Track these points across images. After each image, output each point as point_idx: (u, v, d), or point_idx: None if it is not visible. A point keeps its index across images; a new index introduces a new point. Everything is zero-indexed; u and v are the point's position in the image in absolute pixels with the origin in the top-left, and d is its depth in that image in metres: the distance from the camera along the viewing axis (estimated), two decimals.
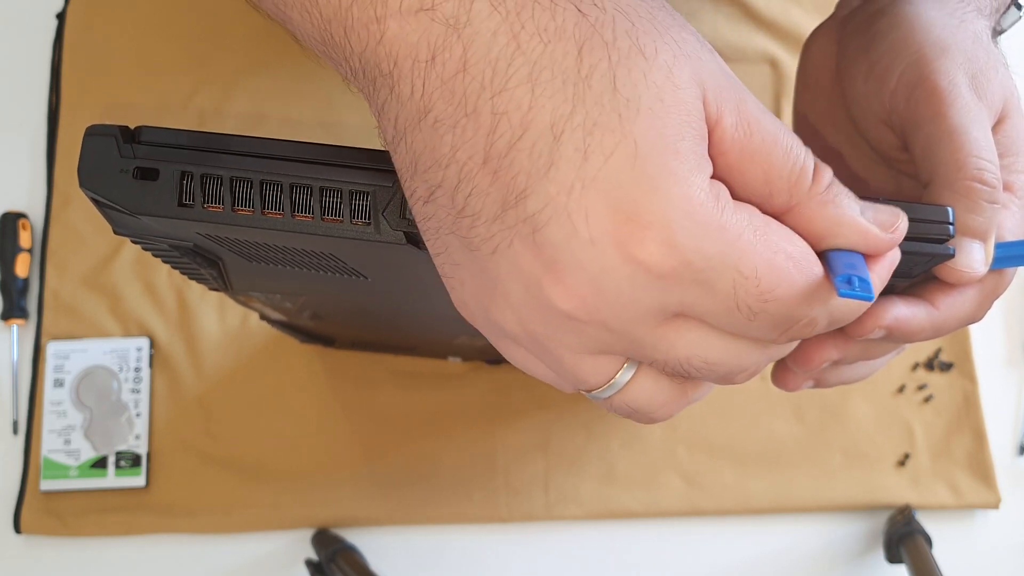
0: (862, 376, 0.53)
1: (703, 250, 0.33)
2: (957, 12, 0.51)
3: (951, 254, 0.42)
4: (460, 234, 0.35)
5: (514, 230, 0.33)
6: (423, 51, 0.33)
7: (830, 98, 0.56)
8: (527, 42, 0.32)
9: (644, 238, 0.32)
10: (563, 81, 0.32)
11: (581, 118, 0.32)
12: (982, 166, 0.44)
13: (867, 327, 0.45)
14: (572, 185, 0.32)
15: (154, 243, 0.44)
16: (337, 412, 0.93)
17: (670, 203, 0.32)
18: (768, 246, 0.34)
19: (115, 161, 0.38)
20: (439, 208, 0.35)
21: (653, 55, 0.32)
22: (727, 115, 0.33)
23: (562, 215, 0.32)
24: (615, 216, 0.32)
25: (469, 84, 0.33)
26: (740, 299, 0.34)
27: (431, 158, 0.34)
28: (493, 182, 0.33)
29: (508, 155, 0.32)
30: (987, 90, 0.47)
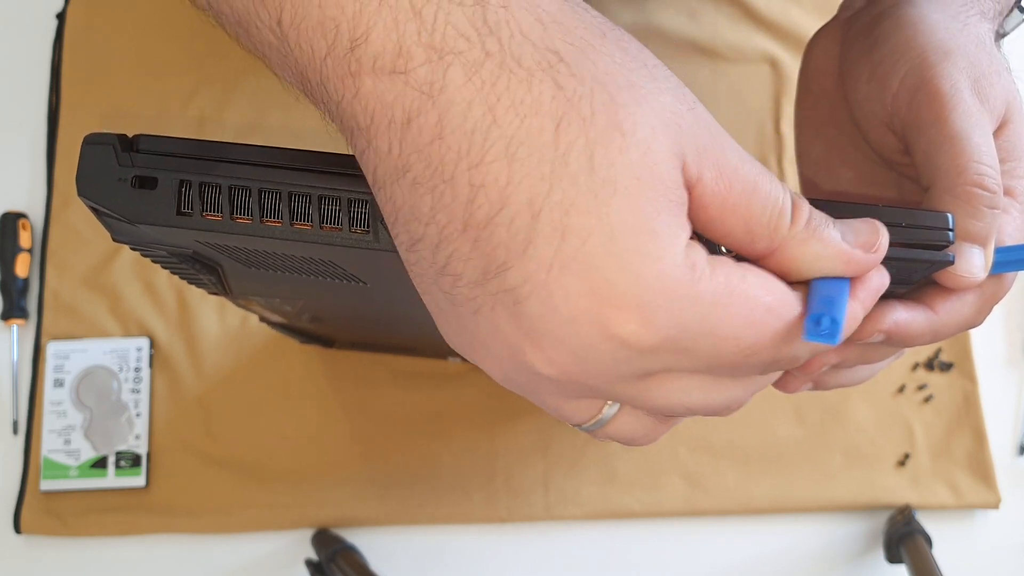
0: (861, 379, 0.53)
1: (680, 324, 0.33)
2: (960, 15, 0.50)
3: (950, 260, 0.41)
4: (443, 289, 0.35)
5: (495, 298, 0.34)
6: (399, 113, 0.33)
7: (832, 100, 0.56)
8: (503, 115, 0.32)
9: (623, 319, 0.32)
10: (540, 158, 0.32)
11: (559, 197, 0.32)
12: (983, 171, 0.44)
13: (866, 331, 0.45)
14: (551, 264, 0.32)
15: (153, 250, 0.44)
16: (337, 412, 0.93)
17: (645, 284, 0.32)
18: (745, 304, 0.34)
19: (113, 170, 0.38)
20: (421, 259, 0.35)
21: (631, 131, 0.32)
22: (707, 172, 0.33)
23: (542, 292, 0.32)
24: (593, 297, 0.32)
25: (446, 153, 0.32)
26: (723, 358, 0.35)
27: (411, 214, 0.34)
28: (473, 249, 0.33)
29: (487, 227, 0.32)
30: (989, 94, 0.47)
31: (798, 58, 1.01)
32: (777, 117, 1.01)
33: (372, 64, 0.33)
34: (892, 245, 0.40)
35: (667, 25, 1.03)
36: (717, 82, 1.03)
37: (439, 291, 0.35)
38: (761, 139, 1.01)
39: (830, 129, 0.56)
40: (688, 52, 1.03)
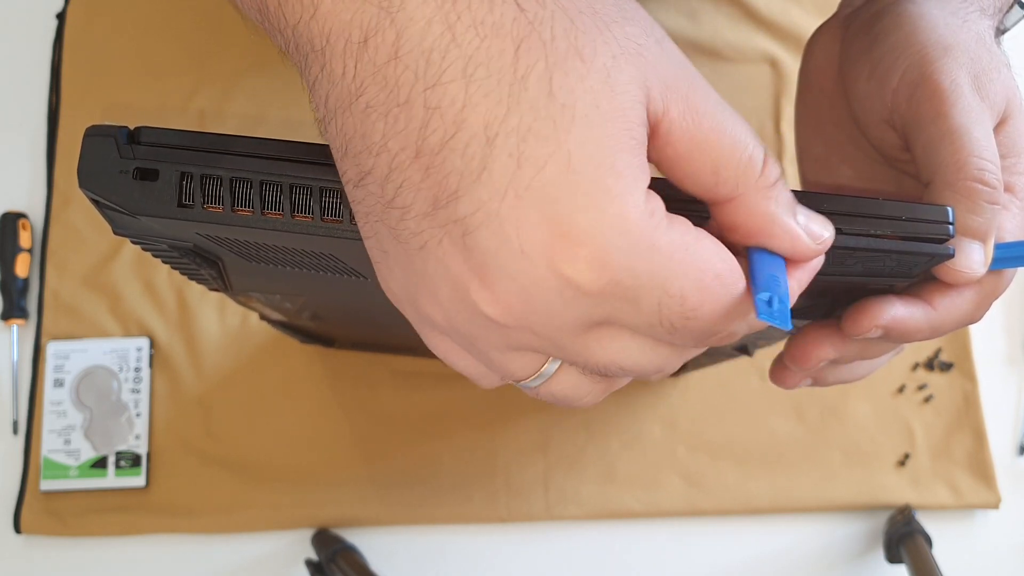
0: (861, 375, 0.53)
1: (633, 269, 0.32)
2: (960, 12, 0.51)
3: (951, 254, 0.42)
4: (389, 224, 0.34)
5: (444, 229, 0.33)
6: (356, 32, 0.32)
7: (832, 97, 0.56)
8: (462, 35, 0.31)
9: (576, 256, 0.31)
10: (498, 80, 0.31)
11: (515, 122, 0.31)
12: (983, 167, 0.44)
13: (864, 326, 0.45)
14: (505, 193, 0.31)
15: (154, 243, 0.44)
16: (337, 412, 0.93)
17: (603, 221, 0.31)
18: (697, 266, 0.33)
19: (115, 162, 0.38)
20: (368, 195, 0.34)
21: (591, 56, 0.31)
22: (674, 106, 0.33)
23: (493, 222, 0.32)
24: (548, 230, 0.31)
25: (402, 73, 0.31)
26: (664, 316, 0.34)
27: (362, 144, 0.33)
28: (424, 178, 0.32)
29: (440, 153, 0.31)
30: (989, 90, 0.47)
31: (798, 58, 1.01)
32: (777, 117, 1.02)
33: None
34: (892, 238, 0.40)
35: (667, 25, 1.03)
36: (717, 82, 1.01)
37: (385, 228, 0.34)
38: (761, 139, 1.00)
39: (830, 127, 0.56)
40: (688, 52, 1.01)
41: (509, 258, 0.32)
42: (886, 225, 0.40)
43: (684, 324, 0.34)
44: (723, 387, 0.94)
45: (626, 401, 0.94)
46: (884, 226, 0.40)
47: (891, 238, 0.40)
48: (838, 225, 0.40)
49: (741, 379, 0.94)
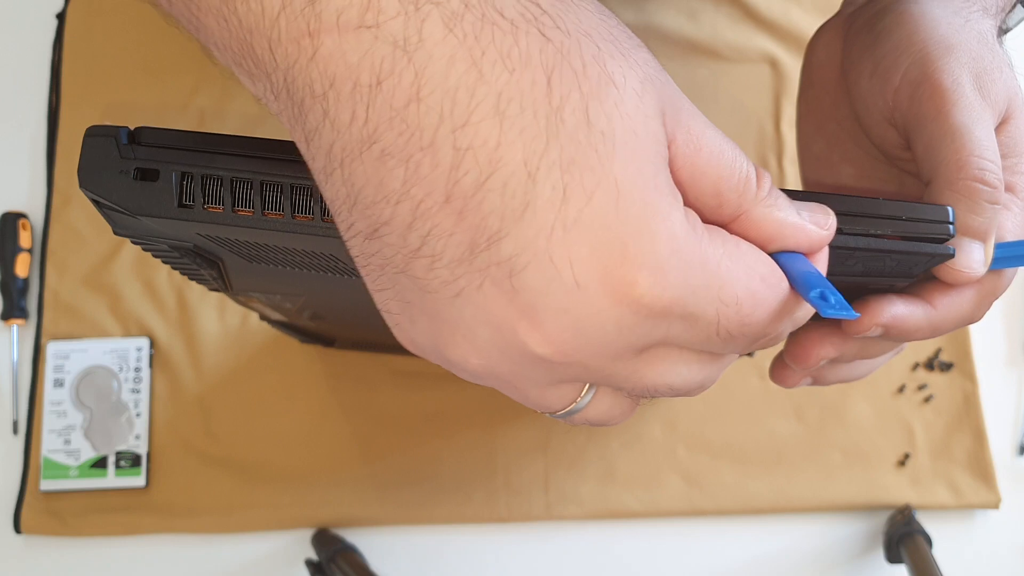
0: (861, 375, 0.53)
1: (690, 284, 0.32)
2: (963, 11, 0.51)
3: (951, 254, 0.42)
4: (414, 275, 0.32)
5: (484, 273, 0.31)
6: (366, 74, 0.30)
7: (834, 96, 0.56)
8: (490, 70, 0.30)
9: (637, 279, 0.31)
10: (534, 114, 0.30)
11: (556, 155, 0.30)
12: (984, 166, 0.44)
13: (864, 325, 0.45)
14: (552, 228, 0.30)
15: (154, 244, 0.44)
16: (337, 412, 0.93)
17: (657, 242, 0.31)
18: (744, 271, 0.33)
19: (115, 162, 0.38)
20: (386, 246, 0.32)
21: (623, 84, 0.31)
22: (680, 133, 0.33)
23: (543, 259, 0.30)
24: (603, 259, 0.30)
25: (425, 115, 0.30)
26: (721, 327, 0.34)
27: (377, 193, 0.31)
28: (458, 222, 0.30)
29: (476, 195, 0.30)
30: (991, 90, 0.47)
31: (798, 58, 1.02)
32: (777, 117, 1.02)
33: (336, 19, 0.30)
34: (892, 238, 0.40)
35: (667, 25, 1.03)
36: (717, 82, 1.03)
37: (407, 279, 0.33)
38: (761, 139, 1.01)
39: (831, 125, 0.56)
40: (688, 52, 1.03)
41: (562, 294, 0.31)
42: (886, 225, 0.40)
43: (740, 331, 0.34)
44: (723, 387, 0.94)
45: None
46: (884, 226, 0.40)
47: (891, 238, 0.40)
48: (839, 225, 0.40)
49: (741, 379, 0.94)
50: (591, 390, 0.37)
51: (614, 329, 0.32)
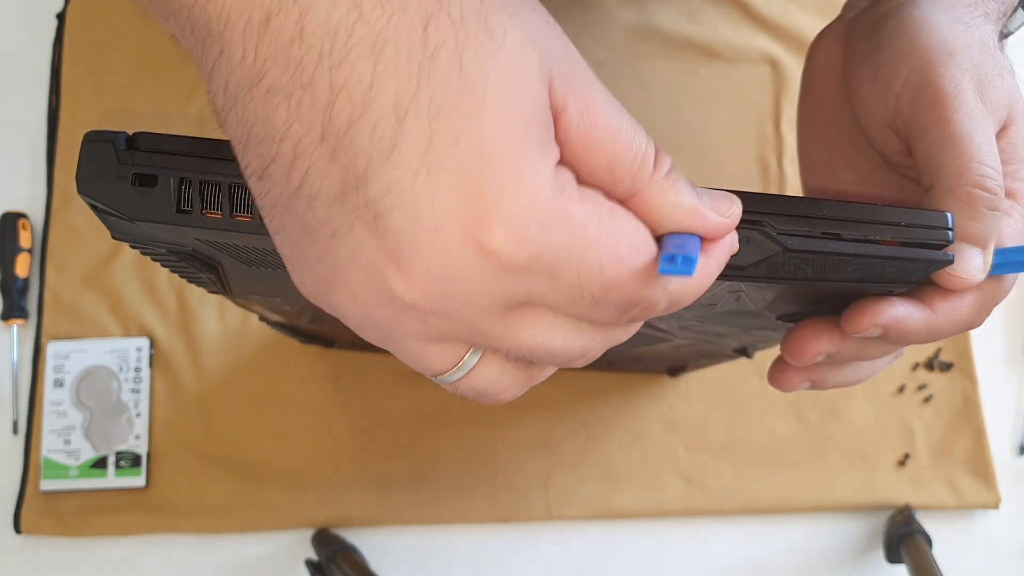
0: (859, 379, 0.53)
1: (551, 241, 0.32)
2: (964, 17, 0.50)
3: (950, 260, 0.42)
4: (296, 214, 0.33)
5: (355, 214, 0.32)
6: (257, 12, 0.31)
7: (835, 101, 0.55)
8: (369, 12, 0.30)
9: (493, 230, 0.31)
10: (407, 58, 0.30)
11: (426, 100, 0.30)
12: (985, 172, 0.44)
13: (863, 325, 0.45)
14: (417, 171, 0.30)
15: (153, 248, 0.44)
16: (337, 412, 0.93)
17: (519, 194, 0.31)
18: (612, 235, 0.33)
19: (113, 168, 0.38)
20: (274, 185, 0.33)
21: (501, 37, 0.31)
22: (573, 103, 0.33)
23: (406, 202, 0.31)
24: (463, 207, 0.31)
25: (306, 53, 0.31)
26: (584, 288, 0.33)
27: (264, 130, 0.32)
28: (332, 161, 0.31)
29: (348, 134, 0.31)
30: (992, 96, 0.47)
31: (798, 58, 1.02)
32: (777, 117, 1.02)
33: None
34: (891, 244, 0.40)
35: (667, 25, 1.03)
36: (717, 82, 1.03)
37: (292, 220, 0.33)
38: (761, 139, 1.01)
39: (832, 130, 0.56)
40: (688, 52, 1.03)
41: (424, 238, 0.31)
42: (886, 231, 0.40)
43: (604, 295, 0.34)
44: (723, 387, 0.94)
45: (626, 401, 0.94)
46: (884, 232, 0.40)
47: (890, 244, 0.40)
48: (837, 231, 0.40)
49: (741, 379, 0.94)
50: (475, 355, 0.37)
51: (475, 279, 0.32)
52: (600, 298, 0.34)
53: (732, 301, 0.47)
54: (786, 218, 0.40)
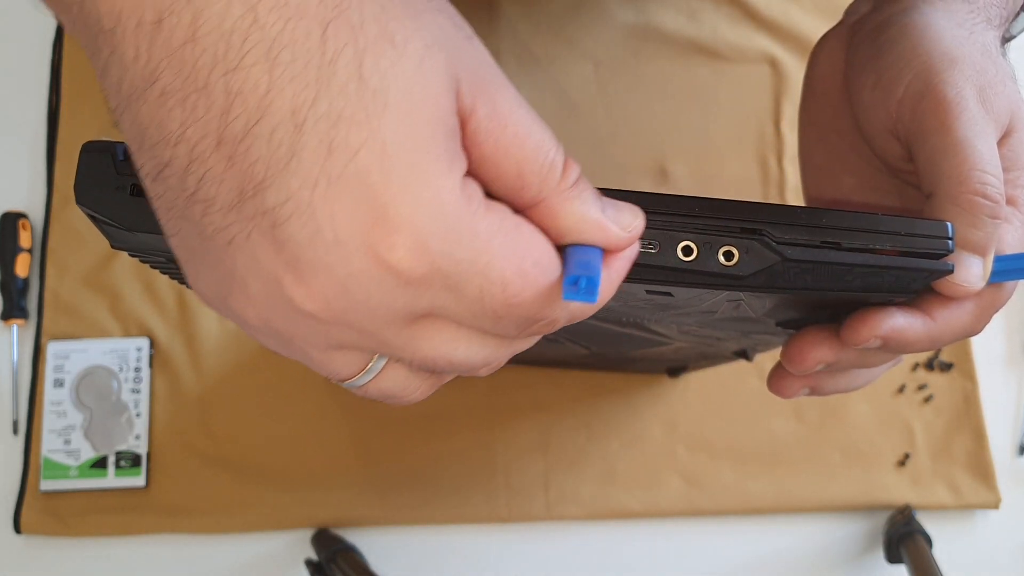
0: (858, 385, 0.53)
1: (454, 255, 0.31)
2: (967, 23, 0.50)
3: (949, 270, 0.42)
4: (193, 219, 0.32)
5: (252, 222, 0.31)
6: (149, 12, 0.30)
7: (837, 106, 0.55)
8: (265, 16, 0.29)
9: (395, 243, 0.31)
10: (305, 64, 0.30)
11: (325, 107, 0.30)
12: (986, 180, 0.44)
13: (863, 336, 0.45)
14: (316, 181, 0.30)
15: (152, 257, 0.44)
16: (337, 412, 0.93)
17: (421, 206, 0.30)
18: (517, 252, 0.33)
19: (111, 178, 0.38)
20: (168, 188, 0.32)
21: (403, 43, 0.31)
22: (481, 106, 0.32)
23: (305, 212, 0.30)
24: (363, 217, 0.30)
25: (200, 56, 0.30)
26: (487, 304, 0.33)
27: (159, 133, 0.31)
28: (228, 167, 0.30)
29: (244, 140, 0.30)
30: (994, 103, 0.47)
31: (798, 58, 1.02)
32: (777, 117, 1.01)
33: None
34: (891, 253, 0.40)
35: (667, 25, 1.03)
36: (717, 82, 1.03)
37: (188, 225, 0.32)
38: (761, 139, 1.01)
39: (833, 135, 0.55)
40: (688, 52, 1.03)
41: (323, 249, 0.31)
42: (885, 240, 0.40)
43: (507, 312, 0.33)
44: (723, 387, 0.94)
45: (626, 401, 0.94)
46: (883, 241, 0.40)
47: (890, 253, 0.40)
48: (836, 240, 0.40)
49: (741, 379, 0.94)
50: (381, 360, 0.37)
51: (376, 292, 0.32)
52: (503, 314, 0.34)
53: (732, 309, 0.47)
54: (785, 227, 0.40)
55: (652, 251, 0.39)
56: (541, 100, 1.00)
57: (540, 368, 0.94)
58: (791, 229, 0.40)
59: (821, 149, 0.56)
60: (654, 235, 0.39)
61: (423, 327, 0.34)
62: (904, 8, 0.52)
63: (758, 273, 0.40)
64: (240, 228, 0.31)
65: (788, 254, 0.39)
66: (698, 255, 0.39)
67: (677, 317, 0.51)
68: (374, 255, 0.31)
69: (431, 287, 0.32)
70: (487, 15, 1.01)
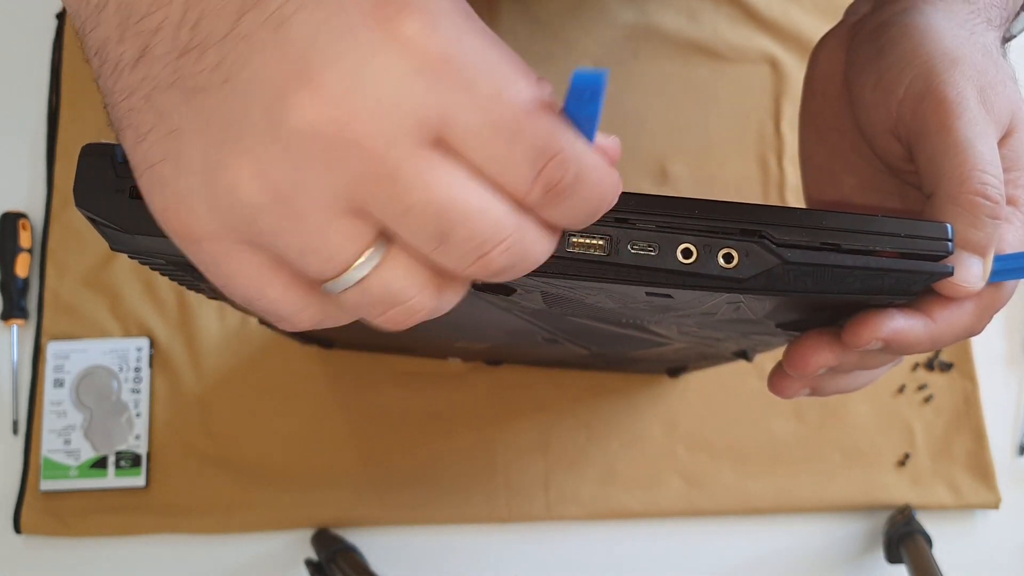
0: (859, 386, 0.53)
1: (464, 43, 0.30)
2: (967, 24, 0.50)
3: (949, 272, 0.42)
4: (183, 76, 0.31)
5: (253, 38, 0.30)
6: None
7: (837, 106, 0.55)
8: None
9: (407, 16, 0.29)
10: None
11: None
12: (986, 180, 0.44)
13: (864, 338, 0.45)
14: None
15: (151, 259, 0.44)
16: (337, 412, 0.93)
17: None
18: (521, 66, 0.32)
19: (110, 181, 0.38)
20: (154, 62, 0.31)
21: None
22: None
23: (310, 3, 0.29)
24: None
25: None
26: (502, 108, 0.31)
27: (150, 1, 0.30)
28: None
29: None
30: (995, 103, 0.47)
31: (798, 58, 1.02)
32: (777, 117, 1.01)
33: None
34: (891, 255, 0.40)
35: (667, 25, 1.03)
36: (717, 82, 1.02)
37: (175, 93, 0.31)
38: (761, 139, 1.01)
39: (833, 135, 0.55)
40: (688, 52, 1.03)
41: (333, 36, 0.29)
42: (885, 242, 0.40)
43: (520, 126, 0.31)
44: (723, 387, 0.94)
45: (626, 401, 0.94)
46: (883, 243, 0.40)
47: (890, 255, 0.40)
48: (836, 242, 0.40)
49: (741, 379, 0.94)
50: (380, 248, 0.33)
51: (389, 80, 0.30)
52: (516, 129, 0.31)
53: (731, 310, 0.47)
54: (785, 229, 0.40)
55: (652, 253, 0.39)
56: None
57: (540, 368, 0.94)
58: (791, 231, 0.40)
59: (822, 149, 0.56)
60: (654, 237, 0.39)
61: (437, 157, 0.31)
62: (905, 8, 0.52)
63: (758, 276, 0.40)
64: (238, 53, 0.30)
65: (788, 256, 0.39)
66: (698, 257, 0.39)
67: (677, 318, 0.51)
68: (388, 30, 0.29)
69: (443, 77, 0.30)
70: (487, 15, 1.01)
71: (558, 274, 0.39)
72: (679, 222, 0.39)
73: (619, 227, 0.39)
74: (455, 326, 0.65)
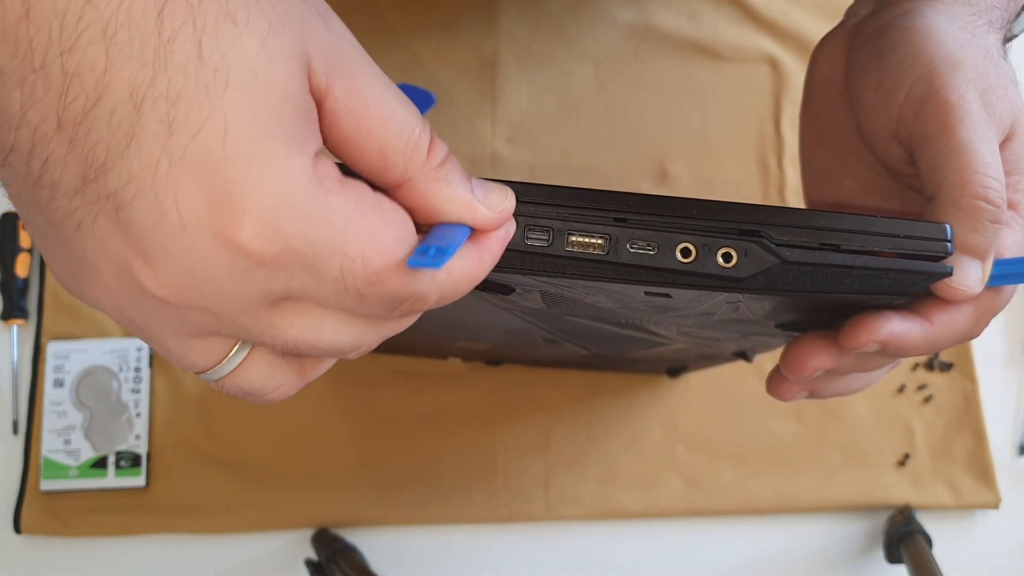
0: (857, 388, 0.53)
1: (307, 235, 0.31)
2: (969, 26, 0.50)
3: (948, 272, 0.41)
4: (40, 205, 0.31)
5: (97, 206, 0.30)
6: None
7: (838, 109, 0.55)
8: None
9: (242, 224, 0.30)
10: (142, 44, 0.29)
11: (164, 87, 0.29)
12: (987, 184, 0.44)
13: (861, 341, 0.45)
14: (158, 162, 0.29)
15: None
16: (337, 412, 0.93)
17: (266, 188, 0.30)
18: (377, 228, 0.32)
19: None
20: (16, 174, 0.31)
21: (245, 22, 0.30)
22: (338, 85, 0.32)
23: (148, 195, 0.29)
24: (208, 199, 0.30)
25: (35, 35, 0.29)
26: (349, 282, 0.32)
27: (1, 116, 0.30)
28: (70, 150, 0.29)
29: (84, 122, 0.29)
30: (996, 107, 0.47)
31: (798, 58, 1.02)
32: (777, 117, 1.01)
33: None
34: (890, 256, 0.40)
35: (667, 25, 1.03)
36: (717, 82, 1.02)
37: (36, 211, 0.32)
38: (761, 139, 1.01)
39: (834, 138, 0.55)
40: (688, 52, 1.03)
41: (169, 233, 0.30)
42: (884, 242, 0.40)
43: (371, 290, 0.33)
44: (723, 387, 0.94)
45: (626, 401, 0.94)
46: (882, 243, 0.40)
47: (889, 255, 0.40)
48: (835, 242, 0.40)
49: (740, 380, 0.94)
50: (243, 349, 0.36)
51: (227, 275, 0.31)
52: (366, 292, 0.33)
53: (731, 310, 0.47)
54: (784, 229, 0.40)
55: (651, 253, 0.39)
56: (541, 100, 1.00)
57: (540, 368, 0.94)
58: (790, 231, 0.40)
59: (822, 152, 0.56)
60: (652, 237, 0.39)
61: (285, 310, 0.33)
62: (906, 11, 0.51)
63: (757, 275, 0.40)
64: (86, 212, 0.31)
65: (787, 256, 0.39)
66: (697, 257, 0.39)
67: (676, 319, 0.51)
68: (221, 237, 0.30)
69: (285, 268, 0.31)
70: (487, 15, 1.01)
71: (557, 273, 0.39)
72: (678, 222, 0.39)
73: (618, 226, 0.39)
74: (455, 326, 0.65)
